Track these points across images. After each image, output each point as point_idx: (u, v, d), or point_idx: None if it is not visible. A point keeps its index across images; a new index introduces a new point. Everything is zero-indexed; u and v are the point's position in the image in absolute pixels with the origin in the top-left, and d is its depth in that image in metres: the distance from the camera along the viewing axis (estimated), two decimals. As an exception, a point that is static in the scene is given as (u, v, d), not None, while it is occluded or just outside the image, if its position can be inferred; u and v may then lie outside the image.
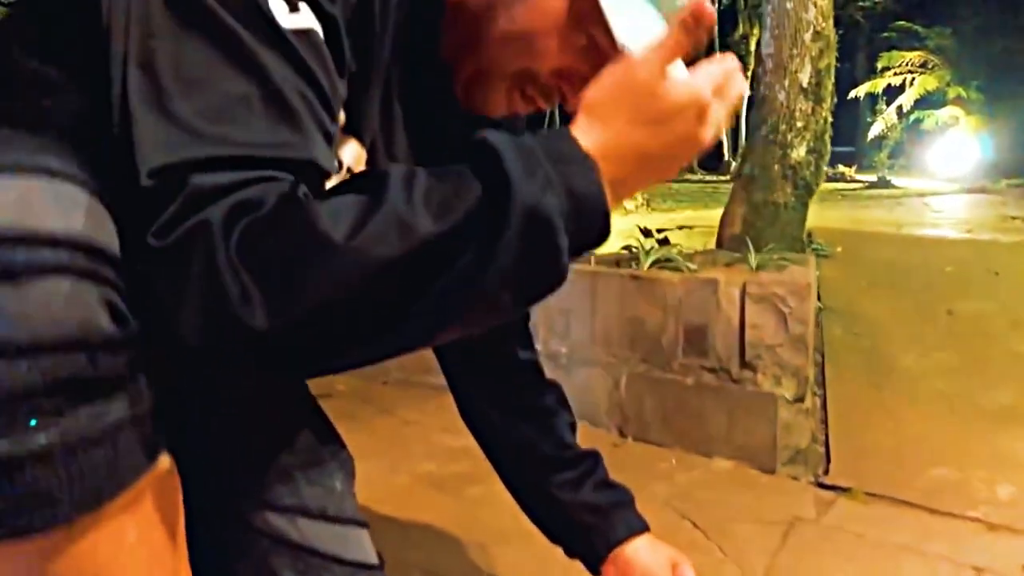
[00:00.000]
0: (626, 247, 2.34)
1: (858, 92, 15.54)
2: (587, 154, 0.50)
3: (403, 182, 0.47)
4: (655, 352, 1.91)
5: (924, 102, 14.97)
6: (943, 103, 15.16)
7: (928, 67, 15.08)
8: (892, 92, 15.28)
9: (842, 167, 15.56)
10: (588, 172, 0.50)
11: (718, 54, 0.59)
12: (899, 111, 14.95)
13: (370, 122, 0.70)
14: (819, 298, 2.42)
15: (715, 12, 0.55)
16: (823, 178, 2.95)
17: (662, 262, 2.05)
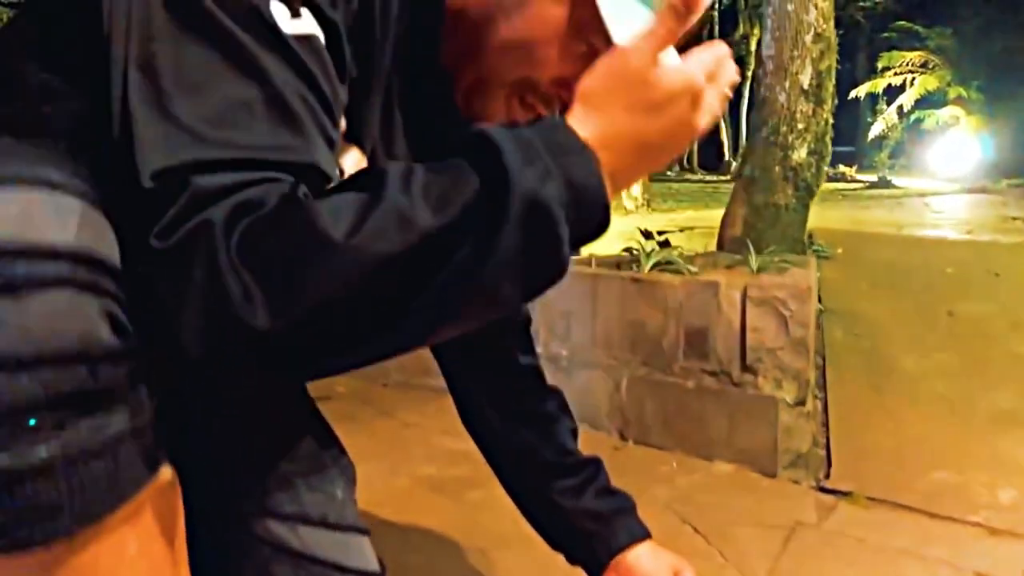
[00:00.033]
0: (627, 249, 2.34)
1: (858, 92, 15.54)
2: (585, 144, 0.50)
3: (401, 178, 0.46)
4: (656, 355, 1.90)
5: (925, 102, 14.96)
6: (944, 103, 15.15)
7: (929, 67, 15.08)
8: (893, 92, 15.28)
9: (843, 167, 15.57)
10: (587, 162, 0.50)
11: None
12: (900, 111, 14.95)
13: (371, 129, 0.70)
14: (820, 300, 2.42)
15: (707, 1, 0.54)
16: (824, 180, 2.95)
17: (663, 264, 2.05)
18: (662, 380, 1.90)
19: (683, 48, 0.57)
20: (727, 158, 20.10)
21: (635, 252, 2.20)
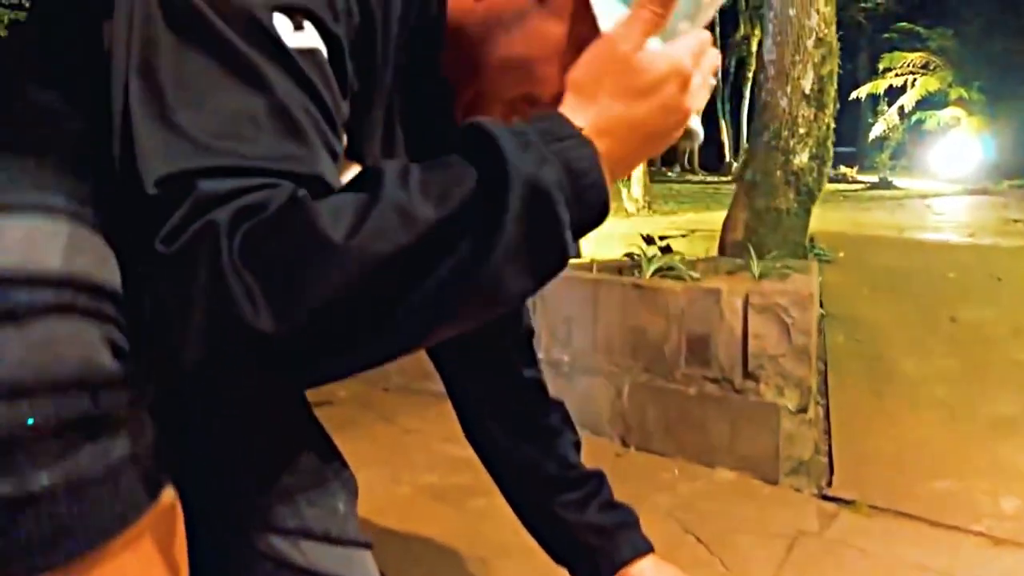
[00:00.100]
0: (628, 254, 2.33)
1: (860, 93, 15.53)
2: (579, 131, 0.51)
3: (399, 175, 0.47)
4: (657, 361, 1.90)
5: (926, 103, 14.95)
6: (945, 104, 15.14)
7: (930, 68, 15.06)
8: (894, 93, 15.27)
9: (844, 168, 15.56)
10: (582, 147, 0.50)
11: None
12: (901, 112, 14.93)
13: (372, 145, 0.70)
14: (821, 304, 2.42)
15: None
16: (825, 183, 2.94)
17: (664, 270, 2.05)
18: (664, 387, 1.89)
19: None
20: (728, 159, 20.12)
21: (636, 257, 2.19)
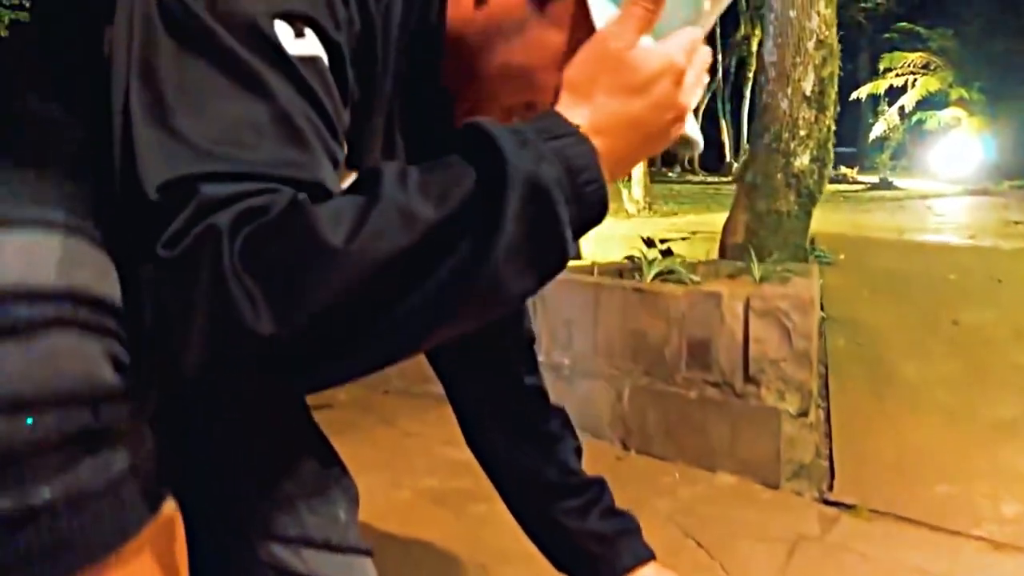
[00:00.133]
0: (629, 257, 2.33)
1: (860, 93, 15.54)
2: (576, 128, 0.51)
3: (398, 176, 0.47)
4: (658, 365, 1.90)
5: (926, 103, 14.96)
6: (945, 104, 15.14)
7: (930, 68, 15.07)
8: (894, 93, 15.28)
9: (844, 168, 15.55)
10: (579, 144, 0.50)
11: (719, 54, 0.60)
12: (901, 112, 14.94)
13: (372, 154, 0.70)
14: (822, 307, 2.41)
15: None
16: (826, 186, 2.94)
17: (665, 274, 2.05)
18: (664, 390, 1.89)
19: None
20: (728, 159, 20.13)
21: (637, 260, 2.19)
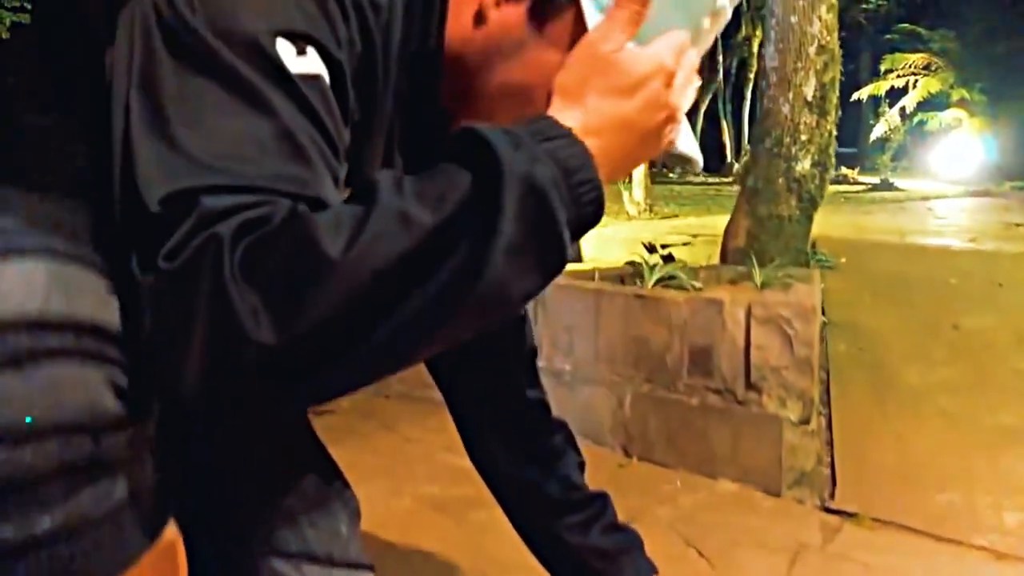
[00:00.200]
0: (630, 262, 2.33)
1: (861, 94, 15.53)
2: (569, 130, 0.51)
3: (393, 183, 0.47)
4: (660, 371, 1.90)
5: (927, 104, 14.96)
6: (946, 105, 15.14)
7: (931, 69, 15.07)
8: (895, 94, 15.29)
9: (845, 169, 15.52)
10: (573, 145, 0.50)
11: (720, 55, 0.60)
12: (902, 113, 14.95)
13: (371, 173, 0.69)
14: (823, 311, 2.41)
15: None
16: (827, 189, 2.94)
17: (666, 279, 2.05)
18: (666, 397, 1.89)
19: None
20: (729, 159, 20.12)
21: (638, 265, 2.19)
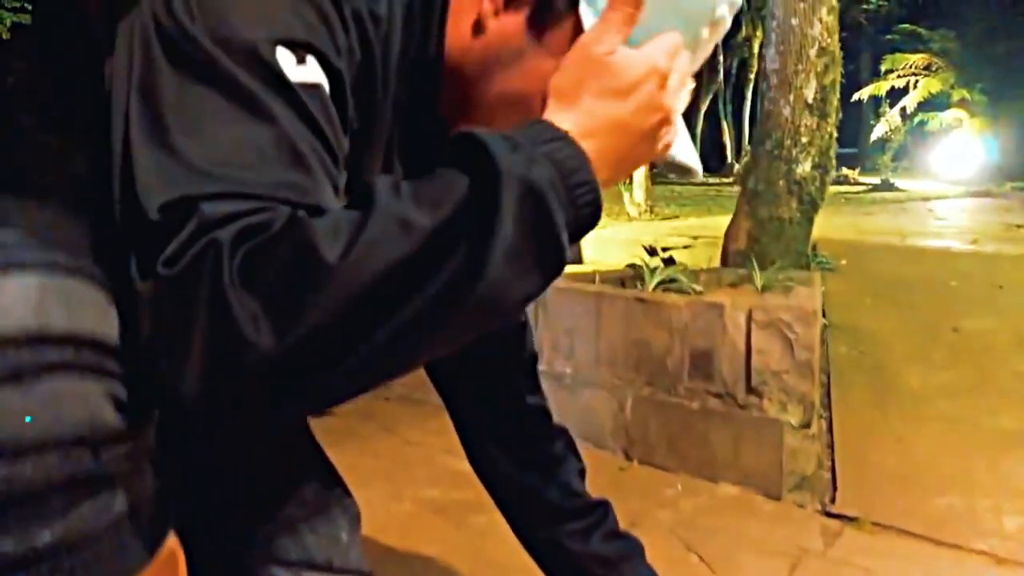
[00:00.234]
0: (631, 265, 2.33)
1: (862, 95, 15.53)
2: (564, 132, 0.51)
3: (391, 187, 0.47)
4: (661, 375, 1.90)
5: (928, 104, 14.95)
6: (947, 105, 15.13)
7: (932, 69, 15.06)
8: (896, 94, 15.27)
9: (846, 169, 15.50)
10: (569, 147, 0.50)
11: (720, 55, 0.59)
12: (903, 113, 14.93)
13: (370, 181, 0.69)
14: (824, 314, 2.41)
15: None
16: (827, 192, 2.94)
17: (667, 283, 2.04)
18: (667, 400, 1.89)
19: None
20: (730, 159, 20.14)
21: (639, 268, 2.19)
